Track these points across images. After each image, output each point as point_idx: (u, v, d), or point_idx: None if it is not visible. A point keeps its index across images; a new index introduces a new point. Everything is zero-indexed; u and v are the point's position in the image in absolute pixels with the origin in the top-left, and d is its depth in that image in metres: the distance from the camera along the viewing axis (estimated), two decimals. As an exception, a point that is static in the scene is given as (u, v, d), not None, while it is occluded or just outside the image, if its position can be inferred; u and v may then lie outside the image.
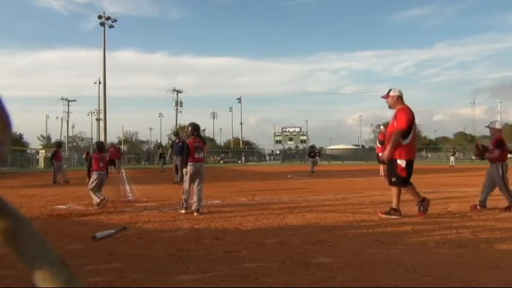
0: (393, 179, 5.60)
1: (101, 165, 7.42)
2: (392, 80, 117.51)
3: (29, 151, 47.31)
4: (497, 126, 6.60)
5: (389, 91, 5.76)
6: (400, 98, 5.71)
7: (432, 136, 76.33)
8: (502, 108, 73.91)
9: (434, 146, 64.90)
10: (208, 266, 3.16)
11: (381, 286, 2.65)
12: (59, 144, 17.62)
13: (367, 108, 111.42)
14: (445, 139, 73.76)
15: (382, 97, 5.84)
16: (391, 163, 5.60)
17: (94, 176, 7.29)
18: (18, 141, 54.33)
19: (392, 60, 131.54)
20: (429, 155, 56.34)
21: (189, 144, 6.49)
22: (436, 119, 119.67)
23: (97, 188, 7.25)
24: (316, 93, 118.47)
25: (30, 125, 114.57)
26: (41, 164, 39.74)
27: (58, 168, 14.54)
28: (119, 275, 2.97)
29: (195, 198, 6.30)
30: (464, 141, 65.58)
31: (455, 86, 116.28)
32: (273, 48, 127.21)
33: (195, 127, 6.75)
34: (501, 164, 6.27)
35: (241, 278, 2.88)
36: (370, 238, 4.22)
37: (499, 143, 6.38)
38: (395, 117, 5.61)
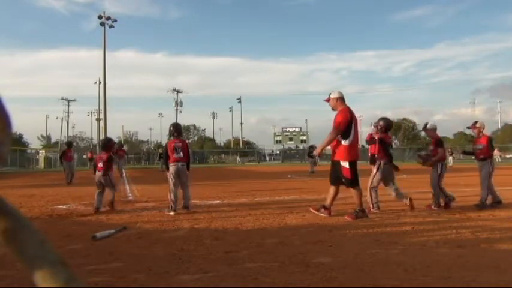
0: (343, 180, 5.66)
1: (100, 165, 6.91)
2: (393, 80, 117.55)
3: (29, 151, 47.31)
4: (429, 126, 6.85)
5: (330, 94, 5.85)
6: (340, 99, 5.79)
7: (432, 136, 76.16)
8: (502, 108, 73.97)
9: (434, 146, 64.79)
10: (208, 266, 3.16)
11: (380, 286, 2.65)
12: (69, 144, 16.83)
13: (367, 108, 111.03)
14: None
15: (325, 100, 5.93)
16: (335, 165, 5.67)
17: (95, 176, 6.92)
18: (18, 141, 54.34)
19: (392, 60, 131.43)
20: (429, 155, 56.23)
21: (168, 146, 6.58)
22: (436, 119, 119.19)
23: (99, 191, 6.76)
24: (316, 93, 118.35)
25: (30, 125, 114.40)
26: (41, 164, 39.77)
27: (67, 167, 14.19)
28: (119, 275, 2.97)
29: (182, 197, 6.42)
30: (464, 141, 65.56)
31: (455, 86, 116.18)
32: (273, 48, 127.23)
33: (175, 128, 6.82)
34: (441, 163, 6.50)
35: (241, 278, 2.88)
36: (370, 238, 4.23)
37: (439, 143, 6.66)
38: (334, 119, 5.71)
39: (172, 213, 6.19)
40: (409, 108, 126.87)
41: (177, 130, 6.77)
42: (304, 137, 60.73)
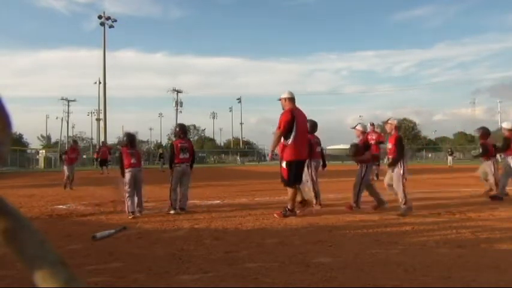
0: (281, 179, 5.86)
1: (133, 161, 6.15)
2: (393, 80, 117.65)
3: (29, 151, 47.28)
4: (359, 128, 6.98)
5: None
6: (289, 99, 5.89)
7: (432, 136, 76.37)
8: (502, 108, 73.93)
9: (434, 146, 64.91)
10: (208, 266, 3.16)
11: (380, 286, 2.65)
12: (73, 142, 14.37)
13: (367, 108, 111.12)
14: (445, 139, 73.76)
15: (278, 99, 6.05)
16: (280, 163, 5.83)
17: (127, 175, 6.10)
18: (18, 141, 54.34)
19: (393, 60, 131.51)
20: (429, 155, 56.32)
21: (174, 146, 6.57)
22: (436, 119, 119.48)
23: (132, 192, 6.05)
24: (317, 93, 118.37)
25: (30, 125, 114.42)
26: (41, 164, 39.72)
27: (69, 170, 11.84)
28: (119, 275, 2.97)
29: (180, 197, 6.43)
30: (464, 141, 65.60)
31: (456, 86, 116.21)
32: (273, 48, 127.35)
33: (182, 129, 6.82)
34: (366, 165, 6.56)
35: (241, 278, 2.88)
36: (370, 238, 4.22)
37: (366, 146, 6.81)
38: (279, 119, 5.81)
39: (172, 211, 6.22)
40: (409, 108, 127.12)
41: (183, 131, 6.79)
42: (304, 137, 60.58)
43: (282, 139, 5.69)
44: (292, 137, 5.64)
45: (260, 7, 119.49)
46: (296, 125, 5.68)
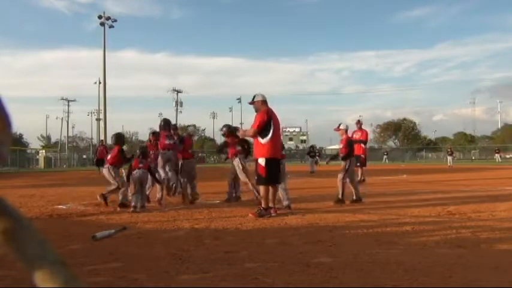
0: (256, 178, 5.94)
1: (140, 165, 6.90)
2: (394, 80, 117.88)
3: (29, 151, 47.28)
4: (224, 130, 7.61)
5: (254, 97, 6.08)
6: (263, 102, 6.03)
7: (432, 136, 76.43)
8: (502, 108, 74.13)
9: (434, 146, 64.96)
10: (208, 266, 3.16)
11: (380, 286, 2.65)
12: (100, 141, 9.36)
13: (367, 108, 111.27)
14: (445, 139, 73.81)
15: (249, 103, 6.14)
16: (255, 162, 5.93)
17: (134, 176, 6.79)
18: (18, 141, 54.30)
19: (393, 60, 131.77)
20: (429, 155, 56.39)
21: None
22: (436, 119, 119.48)
23: (138, 189, 6.67)
24: (317, 93, 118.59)
25: (30, 125, 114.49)
26: (41, 164, 39.73)
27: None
28: (119, 275, 2.96)
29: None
30: (464, 141, 65.69)
31: (456, 86, 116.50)
32: (273, 48, 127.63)
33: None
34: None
35: (241, 278, 2.88)
36: (370, 238, 4.22)
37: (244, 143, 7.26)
38: (254, 119, 5.95)
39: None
40: (409, 108, 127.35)
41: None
42: (304, 137, 60.82)
43: (260, 138, 5.81)
44: (269, 136, 5.80)
45: (261, 7, 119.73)
46: (273, 125, 5.85)
